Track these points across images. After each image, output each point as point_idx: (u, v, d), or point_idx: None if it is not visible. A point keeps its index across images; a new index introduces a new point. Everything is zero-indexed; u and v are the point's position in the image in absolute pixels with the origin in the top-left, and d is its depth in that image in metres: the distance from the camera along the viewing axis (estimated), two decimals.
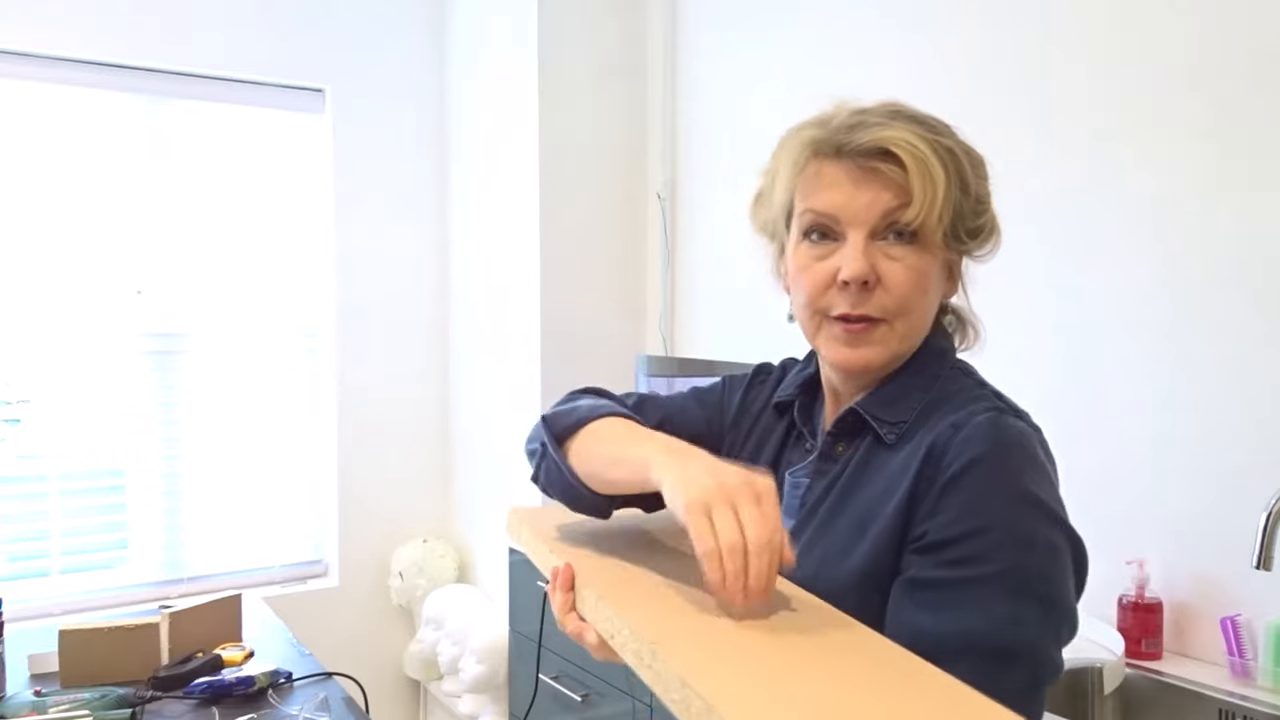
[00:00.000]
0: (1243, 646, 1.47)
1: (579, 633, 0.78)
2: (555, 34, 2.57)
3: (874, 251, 0.81)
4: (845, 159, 0.82)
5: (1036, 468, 0.76)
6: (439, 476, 3.11)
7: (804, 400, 0.95)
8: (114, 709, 1.38)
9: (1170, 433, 1.59)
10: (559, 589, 0.80)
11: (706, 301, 2.55)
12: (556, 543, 0.89)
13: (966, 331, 0.93)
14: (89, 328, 2.60)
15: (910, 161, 0.79)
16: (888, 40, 2.03)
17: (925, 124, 0.83)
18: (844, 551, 0.80)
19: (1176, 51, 1.57)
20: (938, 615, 0.72)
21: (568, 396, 1.03)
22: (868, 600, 0.77)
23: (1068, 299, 1.72)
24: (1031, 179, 1.76)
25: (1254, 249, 1.49)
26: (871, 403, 0.85)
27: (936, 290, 0.85)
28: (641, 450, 0.79)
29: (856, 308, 0.81)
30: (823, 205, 0.82)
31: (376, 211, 2.96)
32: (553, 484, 0.92)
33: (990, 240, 0.87)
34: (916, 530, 0.76)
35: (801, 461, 0.92)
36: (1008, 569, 0.72)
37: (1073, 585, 0.76)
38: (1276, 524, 1.29)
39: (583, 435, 0.89)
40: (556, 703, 2.24)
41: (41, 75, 2.50)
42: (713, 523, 0.69)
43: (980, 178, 0.85)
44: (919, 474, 0.77)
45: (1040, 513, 0.74)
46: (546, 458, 0.92)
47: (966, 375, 0.86)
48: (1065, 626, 0.74)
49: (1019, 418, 0.79)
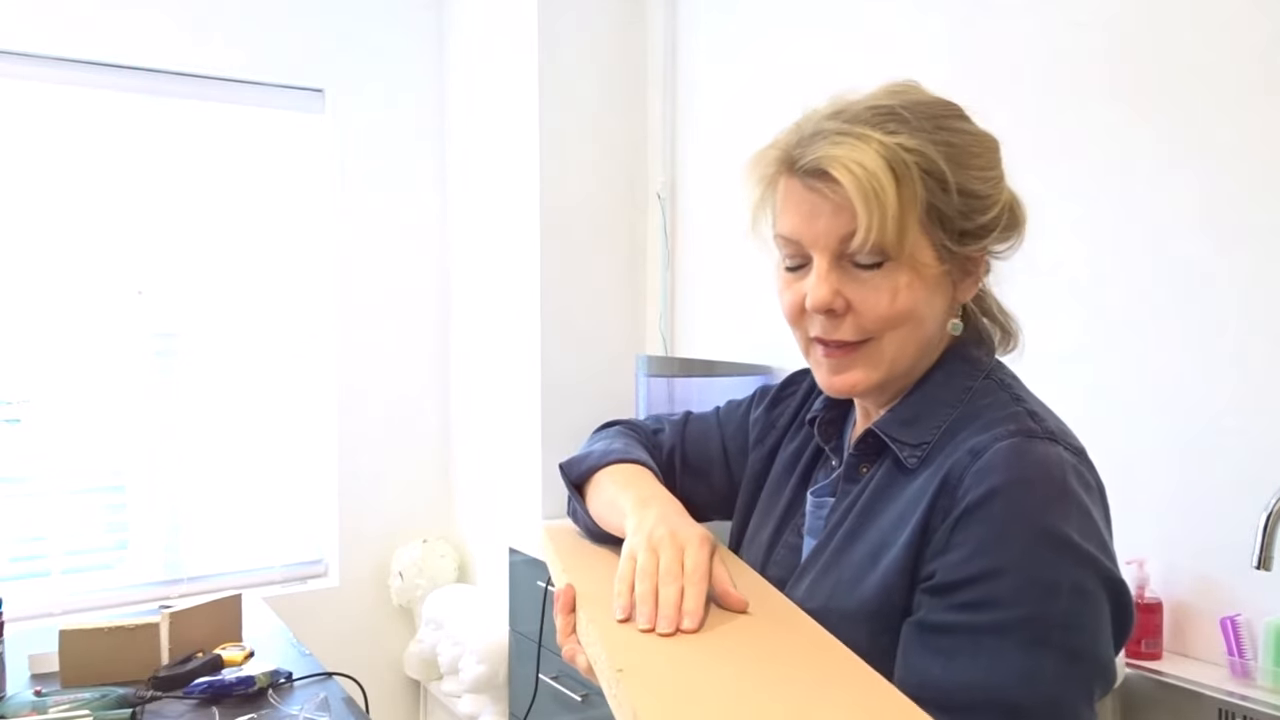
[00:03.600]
0: (1242, 646, 1.47)
1: (571, 656, 0.77)
2: (555, 34, 2.57)
3: (840, 276, 0.76)
4: (800, 178, 0.76)
5: (1066, 500, 0.68)
6: (439, 476, 3.11)
7: (830, 415, 0.90)
8: (114, 709, 1.38)
9: (1170, 432, 1.59)
10: (560, 612, 0.80)
11: (706, 301, 2.55)
12: (571, 565, 0.90)
13: (1009, 331, 0.86)
14: (90, 328, 2.60)
15: (850, 182, 0.71)
16: (888, 40, 2.03)
17: (895, 120, 0.74)
18: (855, 581, 0.76)
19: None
20: (948, 663, 0.67)
21: (594, 433, 1.11)
22: (878, 638, 0.72)
23: (1067, 298, 1.72)
24: (1027, 175, 1.75)
25: (1254, 247, 1.48)
26: (891, 423, 0.79)
27: (933, 300, 0.77)
28: (623, 502, 0.87)
29: (830, 334, 0.77)
30: (787, 230, 0.78)
31: (376, 211, 2.96)
32: (580, 522, 1.01)
33: (1009, 236, 0.79)
34: (927, 568, 0.70)
35: (825, 480, 0.88)
36: (1025, 617, 0.65)
37: (1109, 634, 0.68)
38: (1276, 524, 1.28)
39: (593, 483, 0.97)
40: (556, 703, 2.24)
41: (41, 75, 2.50)
42: (634, 565, 0.75)
43: (972, 170, 0.76)
44: (933, 504, 0.71)
45: (1066, 553, 0.66)
46: (572, 500, 1.01)
47: (1002, 387, 0.78)
48: (1098, 680, 0.68)
49: (1053, 440, 0.71)
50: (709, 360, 2.29)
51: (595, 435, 1.08)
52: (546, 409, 2.59)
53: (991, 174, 0.78)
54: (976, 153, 0.77)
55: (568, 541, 0.99)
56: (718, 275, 2.50)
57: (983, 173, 0.77)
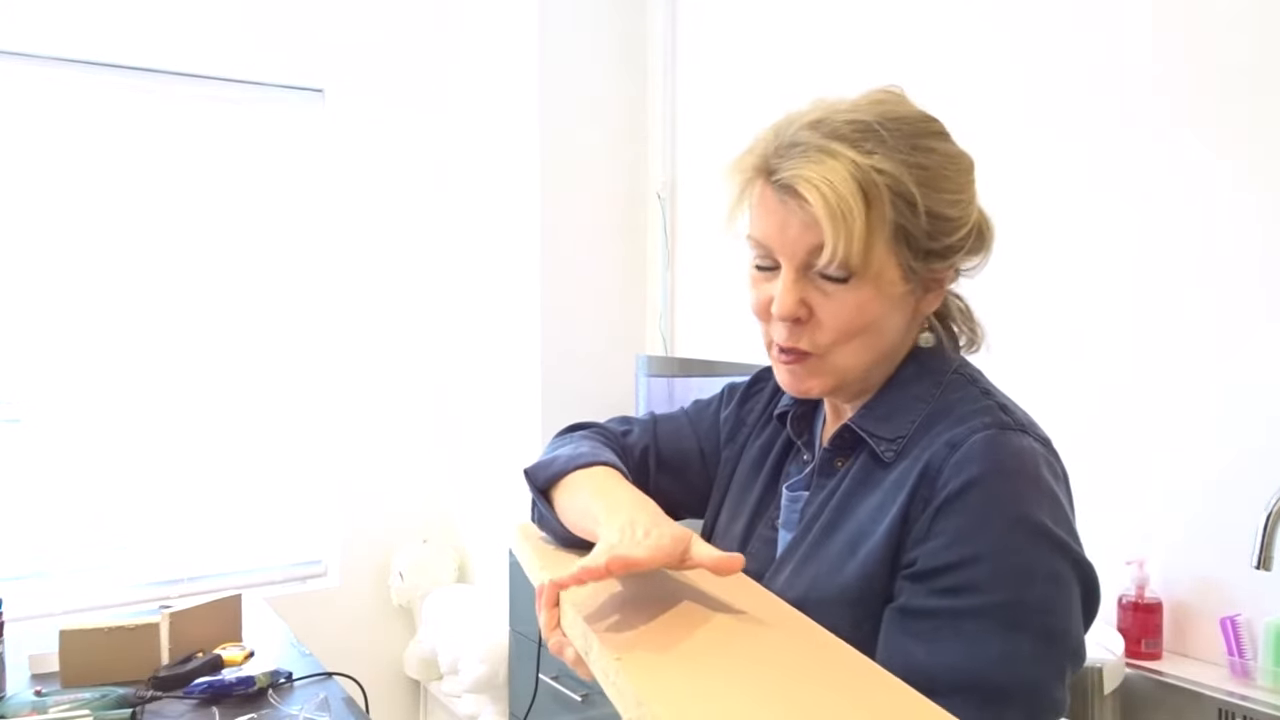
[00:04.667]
0: (1242, 646, 1.47)
1: (559, 649, 0.78)
2: (555, 34, 2.57)
3: (806, 285, 0.78)
4: (774, 189, 0.78)
5: (1039, 489, 0.72)
6: (439, 476, 3.11)
7: (800, 410, 0.93)
8: (114, 709, 1.38)
9: (1170, 432, 1.59)
10: (544, 606, 0.80)
11: (706, 301, 2.55)
12: (549, 560, 0.90)
13: (974, 333, 0.89)
14: (90, 327, 2.60)
15: (818, 202, 0.73)
16: (889, 39, 2.03)
17: (872, 139, 0.75)
18: (835, 570, 0.78)
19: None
20: (930, 647, 0.69)
21: (556, 437, 1.07)
22: (860, 625, 0.74)
23: (1067, 297, 1.72)
24: (1028, 174, 1.76)
25: (1256, 248, 1.49)
26: (867, 418, 0.82)
27: (894, 314, 0.80)
28: (595, 508, 0.84)
29: (788, 341, 0.80)
30: (759, 234, 0.80)
31: (377, 211, 2.96)
32: (547, 528, 0.97)
33: (975, 255, 0.82)
34: (908, 555, 0.73)
35: (799, 474, 0.90)
36: (1004, 602, 0.69)
37: (1080, 616, 0.72)
38: (1276, 524, 1.29)
39: (561, 487, 0.93)
40: (556, 703, 2.24)
41: (41, 75, 2.50)
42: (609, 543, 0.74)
43: (942, 193, 0.77)
44: (913, 494, 0.74)
45: (1041, 540, 0.70)
46: (537, 505, 0.97)
47: (971, 382, 0.82)
48: (1070, 660, 0.71)
49: (1024, 432, 0.75)
50: (709, 360, 2.29)
51: (558, 439, 1.05)
52: (546, 409, 2.59)
53: (961, 197, 0.79)
54: (949, 174, 0.78)
55: (541, 539, 0.99)
56: (718, 275, 2.50)
57: (953, 195, 0.78)
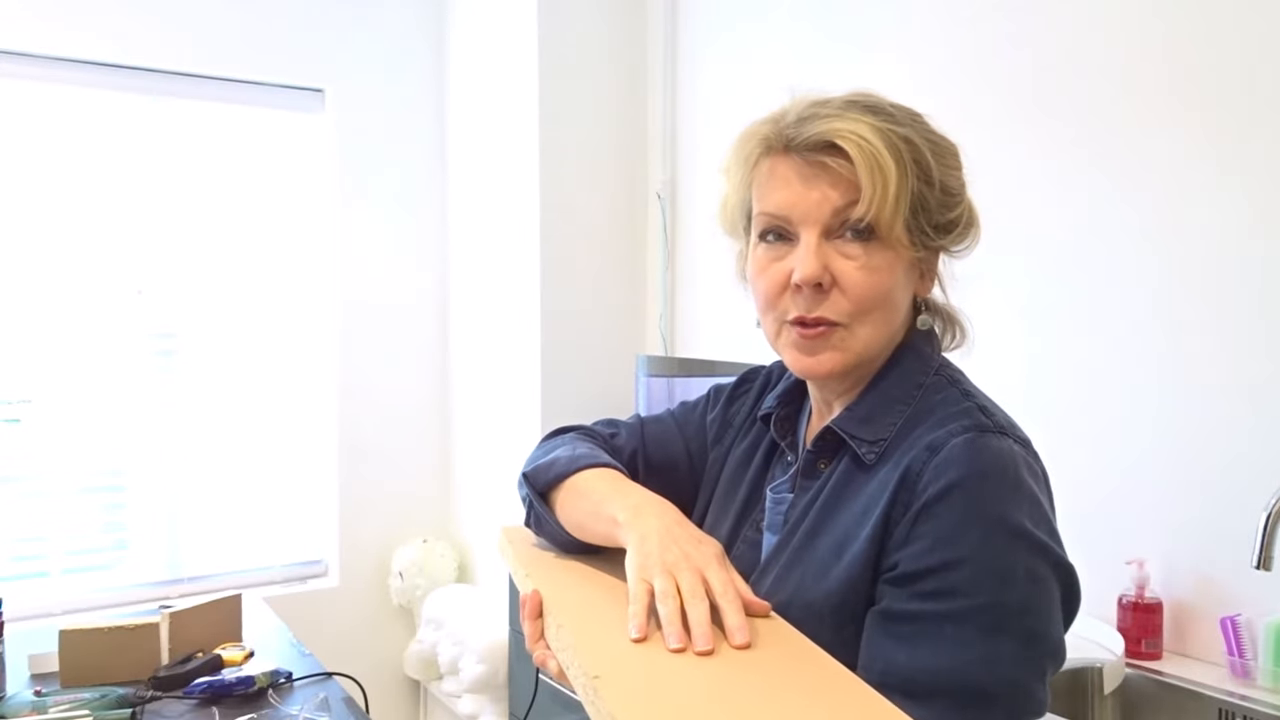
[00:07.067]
0: (1243, 646, 1.47)
1: (542, 661, 0.77)
2: (555, 34, 2.57)
3: (828, 251, 0.77)
4: (794, 155, 0.78)
5: (1018, 492, 0.72)
6: (439, 477, 3.11)
7: (785, 412, 0.92)
8: (114, 709, 1.38)
9: (1170, 432, 1.59)
10: (527, 617, 0.79)
11: (706, 301, 2.55)
12: (535, 568, 0.88)
13: (953, 331, 0.89)
14: (89, 327, 2.60)
15: (856, 154, 0.74)
16: (889, 39, 2.03)
17: (883, 113, 0.78)
18: (820, 574, 0.77)
19: (1187, 41, 1.57)
20: (911, 650, 0.69)
21: (545, 440, 1.04)
22: (842, 629, 0.74)
23: (1067, 296, 1.72)
24: (1026, 171, 1.76)
25: (1255, 247, 1.48)
26: (849, 420, 0.82)
27: (904, 289, 0.81)
28: (610, 510, 0.82)
29: (811, 311, 0.78)
30: (773, 206, 0.79)
31: (377, 211, 2.96)
32: (545, 532, 0.96)
33: (967, 236, 0.83)
34: (890, 559, 0.73)
35: (784, 476, 0.89)
36: (984, 605, 0.69)
37: (1060, 617, 0.72)
38: (1276, 524, 1.28)
39: (564, 489, 0.91)
40: (556, 703, 2.24)
41: (41, 75, 2.50)
42: (651, 588, 0.71)
43: (949, 168, 0.80)
44: (893, 498, 0.74)
45: (1021, 542, 0.70)
46: (534, 509, 0.95)
47: (952, 384, 0.81)
48: (1050, 660, 0.71)
49: (1003, 434, 0.74)
50: (709, 360, 2.29)
51: (548, 442, 1.03)
52: (546, 408, 2.59)
53: (960, 173, 0.82)
54: (948, 150, 0.81)
55: (528, 543, 0.97)
56: (718, 275, 2.50)
57: (955, 171, 0.81)
